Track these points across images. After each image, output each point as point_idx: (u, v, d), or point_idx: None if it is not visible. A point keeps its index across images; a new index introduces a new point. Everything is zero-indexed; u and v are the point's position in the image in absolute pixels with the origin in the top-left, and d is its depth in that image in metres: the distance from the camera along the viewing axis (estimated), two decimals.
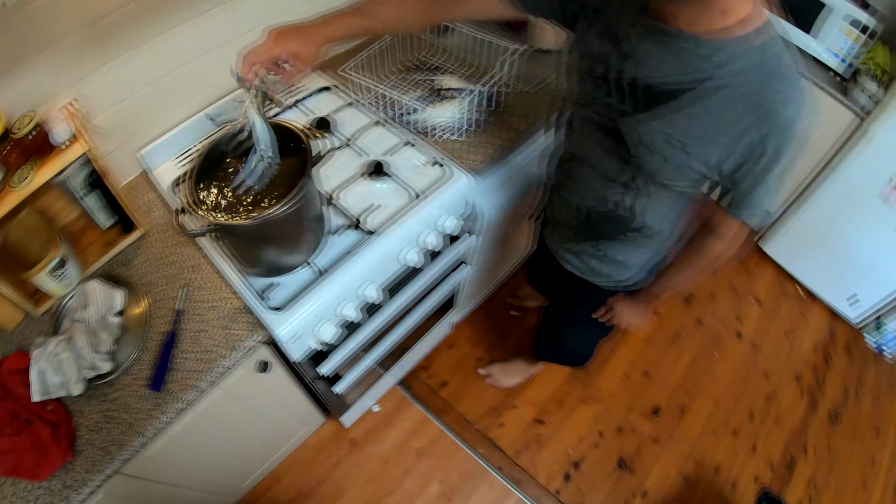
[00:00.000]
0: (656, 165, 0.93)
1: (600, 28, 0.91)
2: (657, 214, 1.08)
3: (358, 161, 1.48)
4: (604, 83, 0.93)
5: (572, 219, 1.24)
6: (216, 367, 1.19)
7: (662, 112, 0.85)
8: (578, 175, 1.15)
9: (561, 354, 1.74)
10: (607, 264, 1.28)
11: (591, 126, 1.03)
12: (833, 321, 2.40)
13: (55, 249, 1.23)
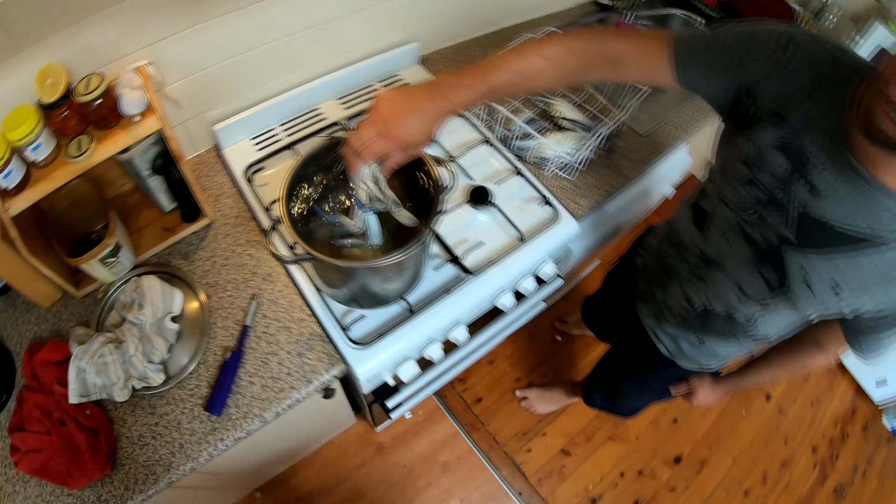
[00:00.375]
0: (807, 302, 0.78)
1: (783, 140, 0.71)
2: (775, 326, 0.91)
3: (461, 182, 1.22)
4: (777, 207, 0.74)
5: (684, 310, 1.03)
6: (286, 398, 0.97)
7: (836, 258, 0.71)
8: (707, 277, 0.94)
9: (615, 407, 1.56)
10: (703, 355, 1.09)
11: (740, 237, 0.83)
12: (857, 397, 2.27)
13: (110, 236, 0.97)
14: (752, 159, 0.75)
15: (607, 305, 1.48)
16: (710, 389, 1.20)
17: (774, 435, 2.09)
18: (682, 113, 1.48)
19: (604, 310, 1.52)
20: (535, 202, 1.22)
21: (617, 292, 1.35)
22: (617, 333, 1.46)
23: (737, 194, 0.79)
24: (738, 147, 0.78)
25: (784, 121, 0.71)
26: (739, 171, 0.78)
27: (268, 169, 1.20)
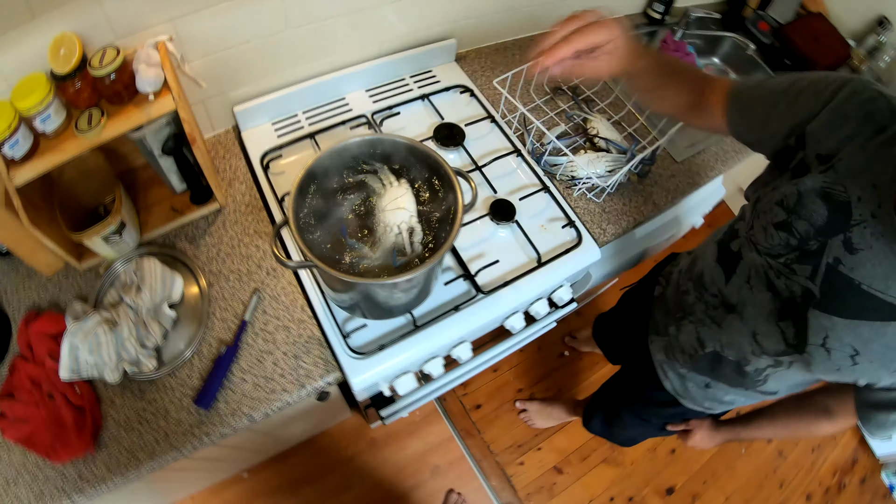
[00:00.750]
0: (822, 365, 0.72)
1: (827, 188, 0.66)
2: (786, 384, 0.87)
3: (483, 194, 1.16)
4: (808, 259, 0.68)
5: (694, 351, 0.96)
6: (277, 400, 0.94)
7: (863, 328, 0.65)
8: (723, 322, 0.87)
9: (611, 435, 1.51)
10: (709, 399, 1.04)
11: (763, 285, 0.76)
12: (859, 449, 2.19)
13: (114, 215, 0.94)
14: (791, 203, 0.70)
15: (620, 328, 1.42)
16: (709, 434, 1.15)
17: (771, 477, 2.03)
18: (722, 142, 1.40)
19: (616, 332, 1.47)
20: (558, 223, 1.16)
21: (631, 317, 1.30)
22: (626, 359, 1.41)
23: (768, 239, 0.73)
24: (778, 189, 0.73)
25: (831, 168, 0.66)
26: (775, 215, 0.72)
27: (285, 157, 1.16)
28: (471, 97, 1.31)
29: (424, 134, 1.22)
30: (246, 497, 1.69)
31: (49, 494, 0.84)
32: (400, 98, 1.28)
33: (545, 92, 1.37)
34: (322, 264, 0.75)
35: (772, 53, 1.62)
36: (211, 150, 1.18)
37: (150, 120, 0.88)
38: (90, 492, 0.85)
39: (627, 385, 1.36)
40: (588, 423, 1.57)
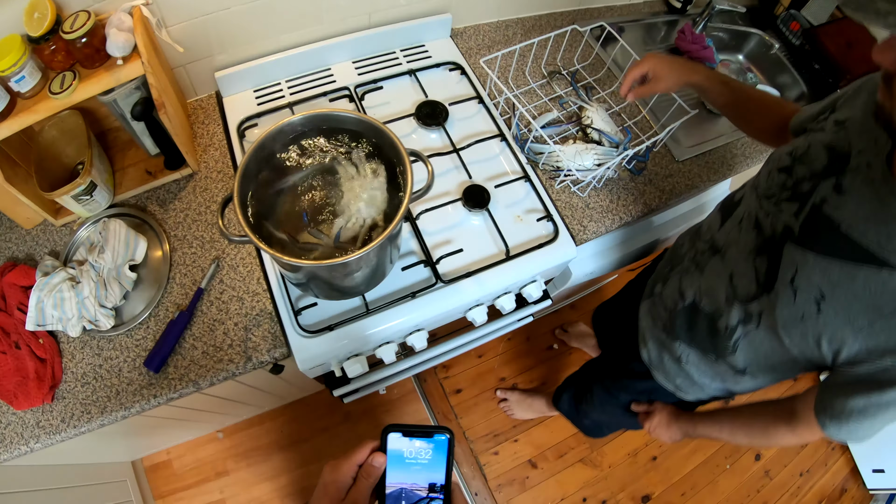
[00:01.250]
0: (788, 318, 0.72)
1: (834, 142, 0.71)
2: (754, 354, 0.84)
3: (458, 178, 1.12)
4: (798, 197, 0.72)
5: (674, 304, 0.97)
6: (223, 370, 0.94)
7: (832, 265, 0.66)
8: (706, 266, 0.90)
9: (578, 416, 1.47)
10: (681, 375, 1.02)
11: (751, 225, 0.81)
12: (849, 478, 2.09)
13: (84, 175, 0.94)
14: (799, 151, 0.75)
15: (617, 310, 1.39)
16: (668, 421, 1.12)
17: (753, 497, 1.95)
18: (731, 145, 1.30)
19: (613, 314, 1.43)
20: (535, 215, 1.10)
21: (630, 297, 1.27)
22: (616, 339, 1.36)
23: (769, 180, 0.79)
24: (794, 143, 0.79)
25: (843, 128, 0.71)
26: (782, 161, 0.78)
27: (261, 126, 1.14)
28: (461, 75, 1.26)
29: (407, 110, 1.18)
30: (220, 457, 1.74)
31: (9, 439, 0.88)
32: (386, 72, 1.24)
33: (542, 75, 1.31)
34: (258, 241, 0.73)
35: (800, 56, 1.50)
36: (191, 114, 1.18)
37: (118, 84, 0.89)
38: (45, 440, 0.88)
39: (606, 358, 1.34)
40: (558, 399, 1.53)
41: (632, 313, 1.16)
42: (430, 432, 0.54)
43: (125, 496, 1.51)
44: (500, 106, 1.22)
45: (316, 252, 0.81)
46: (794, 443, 0.87)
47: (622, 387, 1.21)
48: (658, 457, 1.93)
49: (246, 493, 1.72)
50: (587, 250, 1.25)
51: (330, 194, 0.85)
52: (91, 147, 0.98)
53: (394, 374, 1.15)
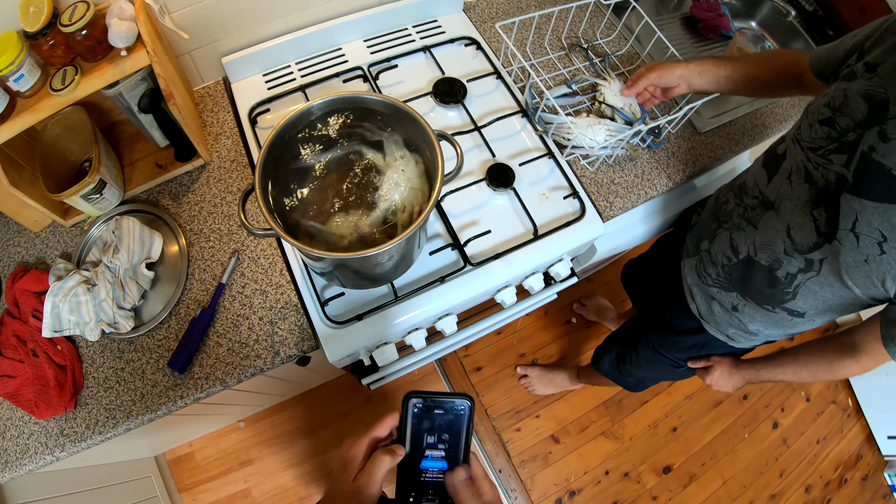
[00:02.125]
0: (852, 263, 0.74)
1: (870, 90, 0.72)
2: (814, 300, 0.85)
3: (481, 157, 1.07)
4: (845, 147, 0.73)
5: (727, 260, 0.96)
6: (250, 367, 0.91)
7: (892, 211, 0.68)
8: (759, 221, 0.89)
9: (622, 375, 1.44)
10: (736, 327, 1.02)
11: (802, 178, 0.81)
12: (865, 445, 2.09)
13: (92, 174, 0.89)
14: (837, 103, 0.76)
15: (650, 267, 1.36)
16: (729, 372, 1.11)
17: (772, 465, 1.96)
18: (752, 115, 1.25)
19: (646, 271, 1.40)
20: (561, 192, 1.06)
21: (664, 253, 1.26)
22: (653, 296, 1.34)
23: (812, 133, 0.79)
24: (827, 93, 0.79)
25: (875, 74, 0.72)
26: (821, 113, 0.78)
27: (274, 111, 1.08)
28: (477, 50, 1.20)
29: (424, 89, 1.12)
30: (242, 446, 1.72)
31: (34, 449, 0.85)
32: (400, 49, 1.17)
33: (561, 47, 1.24)
34: (285, 235, 0.69)
35: (814, 22, 1.44)
36: (199, 102, 1.12)
37: (123, 76, 0.83)
38: (70, 448, 0.85)
39: (650, 317, 1.30)
40: (597, 361, 1.50)
41: (669, 270, 1.15)
42: (451, 399, 0.54)
43: (150, 492, 1.50)
44: (514, 72, 1.16)
45: (344, 242, 0.77)
46: (858, 373, 0.89)
47: (670, 343, 1.19)
48: (678, 427, 1.93)
49: (270, 480, 1.71)
50: (611, 226, 1.21)
51: (355, 180, 0.80)
52: (97, 143, 0.93)
53: (422, 359, 1.12)
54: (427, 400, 0.53)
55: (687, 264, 1.10)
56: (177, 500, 1.64)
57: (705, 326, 1.08)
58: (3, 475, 0.84)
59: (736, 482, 1.90)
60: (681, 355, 1.18)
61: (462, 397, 0.54)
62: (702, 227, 1.07)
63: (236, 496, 1.67)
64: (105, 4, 0.82)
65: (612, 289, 2.11)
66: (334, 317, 0.91)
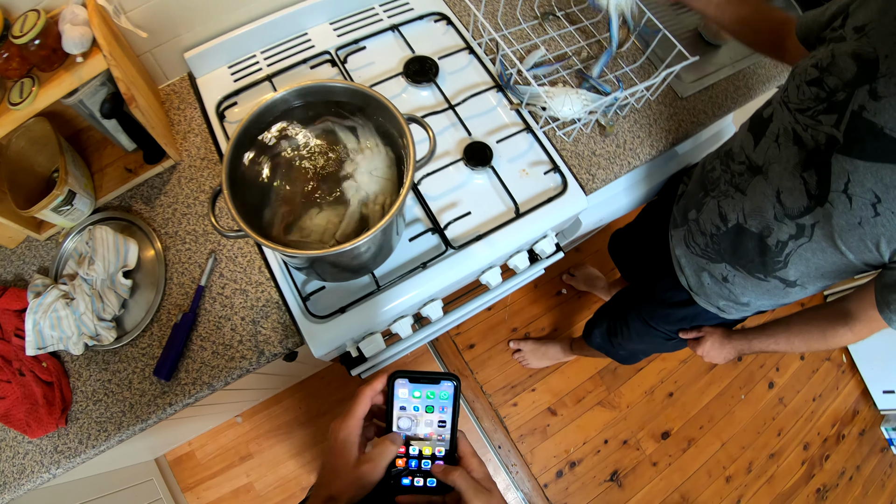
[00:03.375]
0: (845, 225, 0.72)
1: (859, 50, 0.70)
2: (806, 267, 0.84)
3: (456, 136, 1.05)
4: (835, 107, 0.71)
5: (716, 229, 0.95)
6: (236, 368, 0.90)
7: (884, 171, 0.66)
8: (748, 187, 0.87)
9: (613, 348, 1.45)
10: (727, 298, 1.01)
11: (790, 140, 0.79)
12: (861, 400, 2.13)
13: (60, 186, 0.87)
14: (825, 63, 0.74)
15: (638, 237, 1.36)
16: (720, 343, 1.11)
17: (769, 425, 1.99)
18: (733, 77, 1.23)
19: (633, 241, 1.40)
20: (542, 167, 1.04)
21: (651, 223, 1.25)
22: (641, 267, 1.34)
23: (800, 94, 0.77)
24: (815, 55, 0.77)
25: (864, 34, 0.70)
26: (809, 74, 0.76)
27: (241, 104, 1.05)
28: (447, 25, 1.16)
29: (394, 69, 1.09)
30: (242, 441, 1.73)
31: (30, 469, 0.85)
32: (367, 30, 1.14)
33: (534, 16, 1.21)
34: (256, 235, 0.68)
35: None
36: (165, 100, 1.08)
37: (82, 83, 0.81)
38: (66, 464, 0.85)
39: (639, 289, 1.30)
40: (589, 335, 1.51)
41: (657, 240, 1.14)
42: (436, 379, 0.53)
43: (154, 495, 1.51)
44: (485, 44, 1.14)
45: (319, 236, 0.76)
46: (852, 341, 0.89)
47: (661, 317, 1.19)
48: (674, 392, 1.95)
49: (272, 472, 1.73)
50: (595, 198, 1.20)
51: (326, 172, 0.78)
52: (63, 153, 0.90)
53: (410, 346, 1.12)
54: (412, 380, 0.53)
55: (675, 235, 1.09)
56: (181, 500, 1.66)
57: (695, 299, 1.08)
58: (2, 496, 0.84)
59: (734, 443, 1.94)
60: (672, 328, 1.18)
61: (448, 377, 0.53)
62: (689, 197, 1.05)
63: (239, 491, 1.69)
64: (56, 10, 0.79)
65: (602, 257, 2.11)
66: (317, 311, 0.90)
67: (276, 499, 1.70)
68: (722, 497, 1.87)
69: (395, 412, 0.54)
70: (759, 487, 1.91)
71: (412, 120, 0.78)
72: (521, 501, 1.77)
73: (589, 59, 1.17)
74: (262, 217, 0.75)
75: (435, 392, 0.54)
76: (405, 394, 0.53)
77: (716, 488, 1.88)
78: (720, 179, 0.95)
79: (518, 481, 1.78)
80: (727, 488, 1.88)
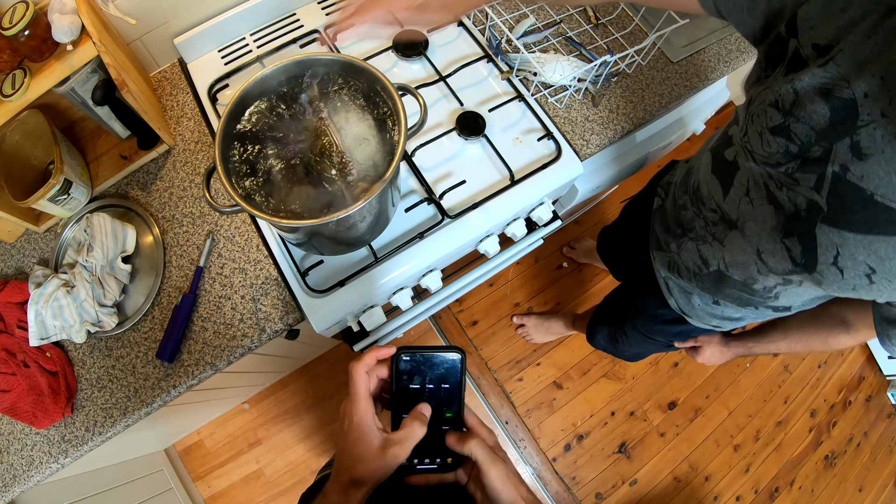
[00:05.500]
0: (838, 290, 0.63)
1: (828, 85, 0.54)
2: (799, 300, 0.80)
3: (449, 107, 1.05)
4: (811, 166, 0.58)
5: (698, 269, 0.89)
6: (238, 347, 0.91)
7: (878, 244, 0.55)
8: (725, 239, 0.79)
9: (617, 351, 1.45)
10: (717, 318, 0.97)
11: (764, 199, 0.67)
12: (866, 366, 2.13)
13: (56, 175, 0.88)
14: (787, 104, 0.58)
15: (622, 242, 1.34)
16: (719, 350, 1.09)
17: (776, 393, 1.99)
18: (725, 40, 1.22)
19: (619, 246, 1.38)
20: (535, 135, 1.04)
21: (633, 230, 1.22)
22: (630, 274, 1.34)
23: (765, 146, 0.63)
24: (772, 88, 0.60)
25: (831, 60, 0.54)
26: (770, 118, 0.61)
27: (232, 86, 1.05)
28: None
29: (384, 44, 1.09)
30: (250, 427, 1.75)
31: (38, 460, 0.86)
32: None
33: None
34: (249, 207, 0.68)
35: None
36: (157, 87, 1.09)
37: (73, 71, 0.82)
38: (74, 453, 0.86)
39: (632, 302, 1.28)
40: (592, 338, 1.51)
41: (638, 251, 1.11)
42: (441, 351, 0.52)
43: (165, 485, 1.53)
44: (473, 14, 1.13)
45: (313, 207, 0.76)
46: (853, 345, 0.86)
47: (657, 331, 1.17)
48: (679, 363, 1.96)
49: (282, 458, 1.74)
50: (590, 165, 1.19)
51: (319, 144, 0.78)
52: (58, 144, 0.91)
53: (411, 319, 1.12)
54: (416, 355, 0.52)
55: (658, 257, 1.04)
56: (192, 489, 1.67)
57: (688, 319, 1.04)
58: (13, 490, 0.85)
59: (741, 412, 1.94)
60: (669, 339, 1.17)
61: (452, 350, 0.52)
62: (667, 226, 0.98)
63: (250, 477, 1.71)
64: (45, 1, 0.79)
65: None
66: (316, 286, 0.90)
67: (287, 483, 1.72)
68: (731, 466, 1.88)
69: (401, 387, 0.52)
70: (767, 455, 1.91)
71: (403, 89, 0.78)
72: (531, 476, 1.79)
73: (579, 27, 1.16)
74: (257, 191, 0.76)
75: (440, 366, 0.52)
76: (410, 369, 0.52)
77: (724, 457, 1.88)
78: (694, 222, 0.87)
79: (526, 456, 1.79)
80: (735, 457, 1.89)
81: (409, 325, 1.10)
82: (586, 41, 1.15)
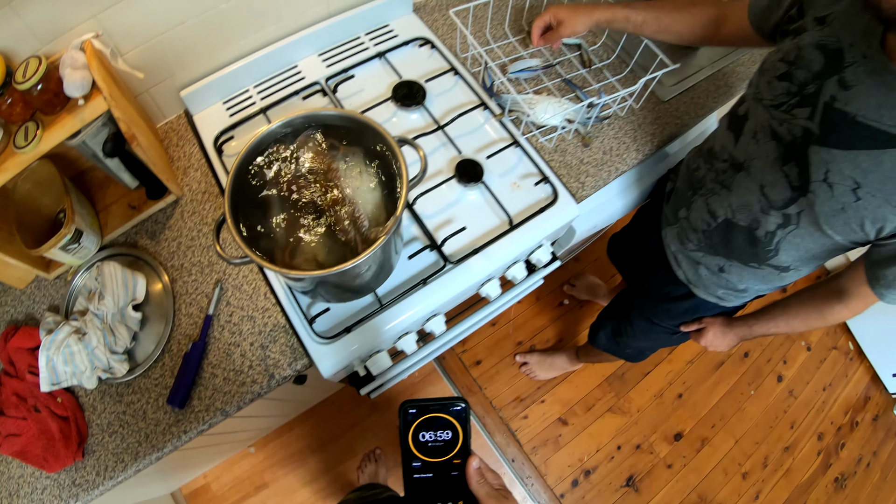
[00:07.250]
0: (829, 211, 0.76)
1: (823, 41, 0.75)
2: (797, 252, 0.88)
3: (447, 155, 1.10)
4: (807, 100, 0.76)
5: (707, 225, 1.00)
6: (248, 393, 0.93)
7: (859, 155, 0.71)
8: (733, 184, 0.92)
9: (619, 347, 1.48)
10: (724, 287, 1.05)
11: (768, 136, 0.83)
12: (871, 386, 2.15)
13: (67, 225, 0.91)
14: (791, 57, 0.78)
15: (634, 238, 1.40)
16: (722, 332, 1.15)
17: (781, 418, 2.01)
18: (713, 77, 1.28)
19: (630, 242, 1.44)
20: (532, 179, 1.09)
21: (645, 223, 1.29)
22: (640, 267, 1.37)
23: (771, 90, 0.81)
24: (780, 49, 0.82)
25: (826, 24, 0.75)
26: (777, 69, 0.80)
27: (237, 138, 1.10)
28: (431, 49, 1.22)
29: (383, 95, 1.15)
30: (256, 470, 1.75)
31: (49, 503, 0.87)
32: (355, 59, 1.19)
33: (521, 29, 1.27)
34: (260, 260, 0.72)
35: None
36: (164, 138, 1.13)
37: (84, 125, 0.85)
38: (84, 497, 0.87)
39: (639, 288, 1.34)
40: (594, 337, 1.54)
41: (651, 239, 1.18)
42: (444, 405, 0.55)
43: None
44: (470, 58, 1.19)
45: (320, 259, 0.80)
46: (849, 317, 0.93)
47: (663, 312, 1.23)
48: (683, 393, 1.97)
49: (288, 501, 1.74)
50: (587, 205, 1.24)
51: (324, 197, 0.82)
52: (69, 193, 0.94)
53: (416, 362, 1.15)
54: (421, 408, 0.55)
55: (668, 232, 1.13)
56: None
57: (694, 291, 1.11)
58: None
59: (748, 439, 1.95)
60: (674, 322, 1.22)
61: (456, 400, 0.55)
62: (678, 196, 1.10)
63: None
64: (56, 56, 0.83)
65: (601, 265, 2.15)
66: (323, 332, 0.93)
67: None
68: (740, 494, 1.87)
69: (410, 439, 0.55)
70: (776, 481, 1.91)
71: (403, 141, 0.82)
72: None
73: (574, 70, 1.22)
74: (264, 243, 0.79)
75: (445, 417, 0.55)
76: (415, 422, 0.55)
77: (733, 486, 1.88)
78: (706, 178, 0.99)
79: (534, 493, 1.78)
80: (744, 484, 1.89)
81: (414, 368, 1.13)
82: (582, 84, 1.21)
